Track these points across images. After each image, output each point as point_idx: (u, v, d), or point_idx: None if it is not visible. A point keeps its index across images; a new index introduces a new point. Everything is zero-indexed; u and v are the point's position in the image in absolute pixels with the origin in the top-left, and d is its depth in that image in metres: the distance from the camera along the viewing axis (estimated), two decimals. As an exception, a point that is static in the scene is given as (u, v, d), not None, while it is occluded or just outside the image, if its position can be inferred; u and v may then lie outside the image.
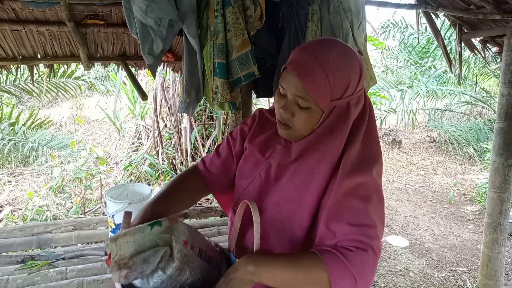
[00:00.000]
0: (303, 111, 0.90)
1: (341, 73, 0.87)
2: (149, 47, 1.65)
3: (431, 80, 7.56)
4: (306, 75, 0.86)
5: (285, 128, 0.94)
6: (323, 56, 0.86)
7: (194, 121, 4.96)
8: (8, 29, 2.12)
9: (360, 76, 0.90)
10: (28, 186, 5.05)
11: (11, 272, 1.90)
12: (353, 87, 0.90)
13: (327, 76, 0.85)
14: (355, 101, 0.92)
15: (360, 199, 0.88)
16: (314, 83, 0.86)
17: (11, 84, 5.29)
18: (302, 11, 1.81)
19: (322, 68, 0.85)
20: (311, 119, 0.91)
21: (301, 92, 0.88)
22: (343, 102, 0.90)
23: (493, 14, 2.35)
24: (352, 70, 0.89)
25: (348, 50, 0.92)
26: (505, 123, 2.55)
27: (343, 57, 0.88)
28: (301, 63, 0.87)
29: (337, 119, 0.91)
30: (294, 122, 0.92)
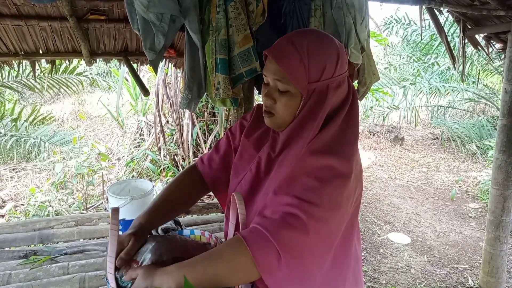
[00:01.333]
0: (283, 96, 0.92)
1: (316, 56, 0.89)
2: (151, 43, 1.65)
3: (434, 76, 7.53)
4: (282, 57, 0.89)
5: (268, 116, 0.97)
6: (298, 40, 0.90)
7: (196, 117, 4.96)
8: (10, 24, 2.11)
9: (338, 61, 0.91)
10: (30, 182, 5.07)
11: (13, 267, 1.90)
12: (331, 71, 0.90)
13: (302, 59, 0.88)
14: (334, 85, 0.92)
15: (317, 179, 0.86)
16: (289, 64, 0.89)
17: (13, 80, 5.29)
18: (304, 6, 1.80)
19: (297, 51, 0.88)
20: (291, 103, 0.92)
21: (278, 74, 0.91)
22: (322, 85, 0.91)
23: (497, 10, 2.33)
24: (328, 54, 0.90)
25: (325, 37, 0.94)
26: (508, 120, 2.54)
27: (318, 42, 0.91)
28: (278, 48, 0.92)
29: (316, 102, 0.91)
30: (276, 108, 0.94)
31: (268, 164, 1.00)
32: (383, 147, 7.30)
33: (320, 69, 0.89)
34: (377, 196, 5.08)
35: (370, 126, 8.13)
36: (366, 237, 3.95)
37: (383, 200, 4.96)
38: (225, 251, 0.84)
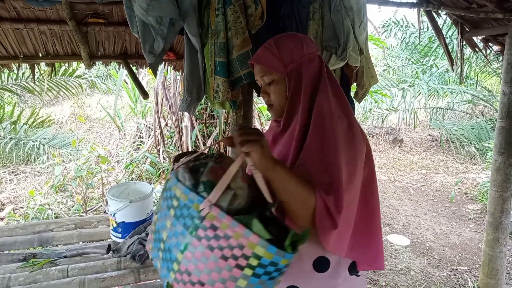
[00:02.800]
0: (272, 86, 1.14)
1: (281, 45, 1.12)
2: (150, 46, 1.65)
3: (432, 78, 7.55)
4: (259, 58, 1.15)
5: (270, 108, 1.19)
6: (267, 42, 1.16)
7: (195, 120, 4.97)
8: (10, 27, 2.12)
9: (302, 44, 1.13)
10: (30, 185, 5.06)
11: (13, 270, 1.90)
12: (299, 52, 1.12)
13: (272, 51, 1.12)
14: (306, 61, 1.12)
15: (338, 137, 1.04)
16: (264, 59, 1.13)
17: (12, 83, 5.29)
18: (303, 9, 1.81)
19: (267, 49, 1.13)
20: (278, 87, 1.13)
21: (262, 71, 1.15)
22: (295, 64, 1.11)
23: (495, 12, 2.34)
24: (291, 40, 1.13)
25: (287, 33, 1.20)
26: (506, 122, 2.55)
27: (280, 37, 1.16)
28: (255, 54, 1.17)
29: (297, 79, 1.11)
30: (272, 98, 1.16)
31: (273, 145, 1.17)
32: (382, 149, 7.31)
33: (289, 53, 1.11)
34: (376, 198, 5.08)
35: (369, 128, 8.14)
36: (366, 239, 3.95)
37: (382, 202, 4.96)
38: (308, 186, 0.96)
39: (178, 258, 0.86)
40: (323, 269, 1.10)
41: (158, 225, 0.95)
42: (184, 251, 0.85)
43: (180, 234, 0.87)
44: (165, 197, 0.95)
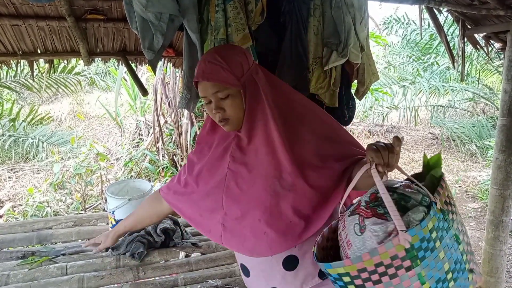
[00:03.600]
0: (227, 100, 1.10)
1: (228, 59, 1.10)
2: (150, 42, 1.64)
3: (433, 76, 7.53)
4: (209, 75, 1.09)
5: (226, 123, 1.13)
6: (211, 58, 1.11)
7: (194, 117, 4.95)
8: (8, 24, 2.10)
9: (245, 55, 1.14)
10: (29, 182, 5.05)
11: (11, 267, 1.89)
12: (246, 64, 1.12)
13: (222, 66, 1.08)
14: (255, 71, 1.14)
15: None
16: (216, 75, 1.08)
17: (11, 80, 5.28)
18: (304, 6, 1.79)
19: (214, 64, 1.09)
20: (236, 101, 1.10)
21: (215, 88, 1.09)
22: (247, 76, 1.11)
23: (497, 9, 2.32)
24: (235, 53, 1.13)
25: (225, 46, 1.29)
26: (508, 120, 2.53)
27: (222, 51, 1.14)
28: (201, 72, 1.11)
29: (253, 89, 1.11)
30: (228, 113, 1.11)
31: (242, 158, 1.15)
32: (382, 147, 7.29)
33: (239, 66, 1.10)
34: (376, 196, 5.08)
35: (370, 125, 8.13)
36: (366, 237, 3.95)
37: (382, 200, 4.96)
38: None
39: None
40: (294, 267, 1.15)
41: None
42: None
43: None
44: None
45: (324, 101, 1.94)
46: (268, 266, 1.17)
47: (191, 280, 1.82)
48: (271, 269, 1.17)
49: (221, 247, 2.21)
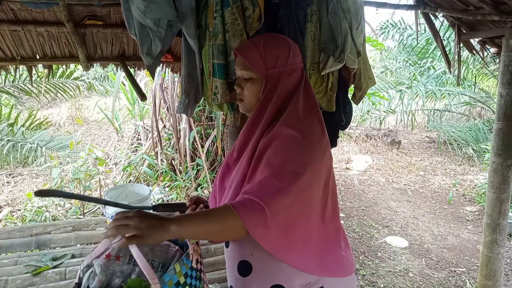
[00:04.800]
0: (248, 82, 1.14)
1: (270, 49, 1.12)
2: (148, 48, 1.65)
3: (430, 80, 7.57)
4: (244, 51, 1.14)
5: (240, 102, 1.19)
6: (257, 38, 1.16)
7: (193, 122, 4.96)
8: (7, 29, 2.11)
9: (289, 53, 1.13)
10: (27, 187, 5.04)
11: (10, 272, 1.89)
12: (284, 60, 1.12)
13: (259, 50, 1.11)
14: (288, 72, 1.13)
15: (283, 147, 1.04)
16: (249, 55, 1.12)
17: (10, 85, 5.28)
18: (301, 12, 1.81)
19: (255, 45, 1.12)
20: (254, 86, 1.13)
21: (243, 65, 1.14)
22: (277, 71, 1.11)
23: (492, 15, 2.35)
24: (280, 47, 1.13)
25: (279, 36, 1.19)
26: (504, 123, 2.55)
27: (272, 39, 1.16)
28: (242, 46, 1.18)
29: (273, 85, 1.11)
30: (244, 93, 1.16)
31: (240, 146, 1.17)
32: (380, 151, 7.32)
33: (274, 58, 1.11)
34: (374, 199, 5.09)
35: (367, 130, 8.15)
36: (364, 241, 3.95)
37: (380, 203, 4.97)
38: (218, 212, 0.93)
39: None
40: (246, 273, 1.12)
41: None
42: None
43: None
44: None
45: (322, 106, 1.96)
46: (229, 263, 1.19)
47: (189, 284, 1.82)
48: (230, 268, 1.19)
49: (220, 251, 2.21)
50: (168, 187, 4.86)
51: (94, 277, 1.11)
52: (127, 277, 1.10)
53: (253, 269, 1.11)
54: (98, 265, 1.10)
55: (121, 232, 0.84)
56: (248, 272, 1.12)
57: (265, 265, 1.09)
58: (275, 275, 1.08)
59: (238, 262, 1.13)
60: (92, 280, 1.10)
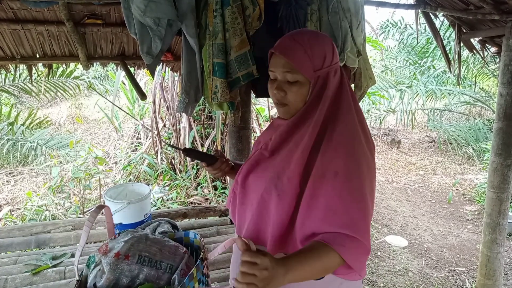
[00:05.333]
0: (293, 86, 1.05)
1: (316, 47, 1.03)
2: (148, 47, 1.65)
3: (430, 80, 7.57)
4: (288, 51, 1.03)
5: (282, 107, 1.09)
6: (299, 36, 1.05)
7: (193, 121, 4.96)
8: (7, 28, 2.11)
9: (333, 51, 1.07)
10: (27, 186, 5.04)
11: (9, 271, 1.89)
12: (330, 59, 1.05)
13: (306, 50, 1.02)
14: (333, 71, 1.07)
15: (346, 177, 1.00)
16: (295, 56, 1.02)
17: (10, 84, 5.28)
18: (301, 11, 1.81)
19: (300, 44, 1.03)
20: (301, 90, 1.04)
21: (287, 67, 1.03)
22: (324, 72, 1.05)
23: (492, 14, 2.35)
24: (325, 45, 1.06)
25: (319, 33, 1.12)
26: (504, 123, 2.55)
27: (315, 36, 1.07)
28: (282, 45, 1.06)
29: (321, 87, 1.04)
30: (288, 98, 1.06)
31: (274, 143, 1.11)
32: (380, 150, 7.32)
33: (322, 58, 1.03)
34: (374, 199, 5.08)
35: (367, 129, 8.13)
36: (364, 240, 3.95)
37: (380, 203, 4.97)
38: (320, 256, 0.92)
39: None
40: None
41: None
42: None
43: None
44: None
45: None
46: (235, 258, 1.18)
47: (189, 283, 1.82)
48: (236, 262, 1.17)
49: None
50: (168, 186, 4.86)
51: (102, 275, 1.10)
52: (135, 277, 1.10)
53: None
54: (107, 264, 1.10)
55: (247, 281, 0.82)
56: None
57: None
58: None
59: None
60: (99, 278, 1.10)
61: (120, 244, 1.14)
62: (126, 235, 1.19)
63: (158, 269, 1.13)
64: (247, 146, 2.38)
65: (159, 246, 1.18)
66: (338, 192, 0.97)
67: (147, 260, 1.13)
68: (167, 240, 1.23)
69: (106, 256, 1.12)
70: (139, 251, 1.12)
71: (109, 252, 1.13)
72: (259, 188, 1.10)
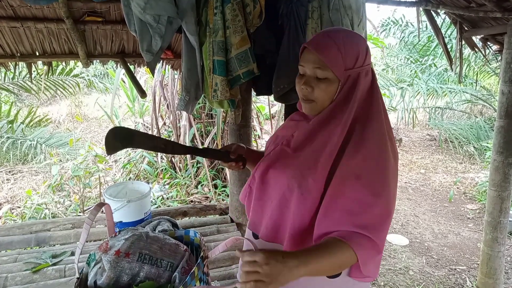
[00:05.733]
0: (322, 82, 1.03)
1: (350, 46, 1.02)
2: (148, 44, 1.64)
3: (431, 78, 7.55)
4: (321, 47, 1.02)
5: (308, 103, 1.07)
6: (333, 34, 1.04)
7: (193, 119, 4.95)
8: (6, 26, 2.10)
9: (367, 52, 1.06)
10: (27, 184, 5.04)
11: (9, 269, 1.89)
12: (362, 60, 1.04)
13: (339, 48, 1.01)
14: (364, 73, 1.05)
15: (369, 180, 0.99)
16: (328, 53, 1.01)
17: (9, 82, 5.27)
18: (302, 8, 1.80)
19: (334, 42, 1.02)
20: (330, 88, 1.03)
21: (318, 63, 1.02)
22: (355, 72, 1.03)
23: (494, 12, 2.34)
24: (360, 44, 1.05)
25: (355, 33, 1.11)
26: (505, 121, 2.54)
27: (350, 35, 1.06)
28: (316, 40, 1.05)
29: (351, 87, 1.03)
30: (315, 94, 1.05)
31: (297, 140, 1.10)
32: (380, 149, 7.30)
33: (354, 58, 1.03)
34: (375, 197, 5.07)
35: (368, 127, 8.12)
36: (364, 239, 3.95)
37: (381, 201, 4.96)
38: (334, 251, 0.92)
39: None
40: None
41: None
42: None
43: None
44: None
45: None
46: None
47: (189, 282, 1.81)
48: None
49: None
50: (168, 185, 4.86)
51: (103, 273, 1.09)
52: (135, 275, 1.09)
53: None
54: (107, 261, 1.09)
55: (251, 279, 0.81)
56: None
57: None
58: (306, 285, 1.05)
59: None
60: (100, 276, 1.09)
61: (121, 242, 1.13)
62: (127, 233, 1.18)
63: (159, 267, 1.12)
64: (248, 144, 2.37)
65: (159, 244, 1.17)
66: (359, 195, 0.96)
67: (147, 258, 1.12)
68: (168, 238, 1.23)
69: (106, 254, 1.11)
70: (140, 249, 1.12)
71: (110, 250, 1.13)
72: (281, 184, 1.08)
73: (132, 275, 1.09)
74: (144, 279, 1.10)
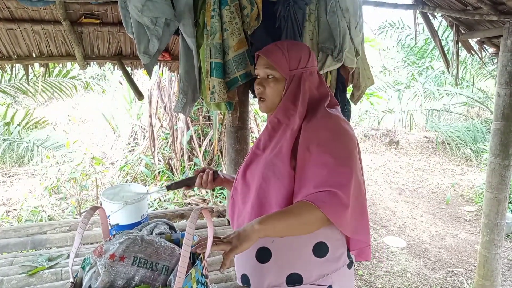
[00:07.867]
0: (271, 81, 1.22)
1: (293, 51, 1.21)
2: (145, 47, 1.64)
3: (428, 80, 7.58)
4: (269, 52, 1.22)
5: (262, 101, 1.25)
6: (280, 43, 1.26)
7: (190, 121, 4.94)
8: (3, 28, 2.10)
9: (309, 56, 1.23)
10: (23, 187, 5.02)
11: (5, 272, 1.87)
12: (304, 62, 1.21)
13: (283, 53, 1.20)
14: (308, 73, 1.22)
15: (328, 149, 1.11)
16: (275, 57, 1.21)
17: (6, 84, 5.24)
18: (299, 10, 1.80)
19: (279, 48, 1.22)
20: (277, 86, 1.21)
21: (267, 64, 1.22)
22: (299, 72, 1.20)
23: (490, 15, 2.35)
24: (302, 50, 1.23)
25: (298, 42, 1.36)
26: (502, 123, 2.55)
27: (294, 43, 1.27)
28: (266, 48, 1.25)
29: (296, 85, 1.20)
30: (266, 92, 1.23)
31: (265, 141, 1.23)
32: (378, 151, 7.32)
33: (297, 60, 1.20)
34: (372, 199, 5.08)
35: (365, 129, 8.15)
36: (362, 241, 3.95)
37: (378, 203, 4.96)
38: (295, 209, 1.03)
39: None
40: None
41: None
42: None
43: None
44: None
45: (320, 105, 1.95)
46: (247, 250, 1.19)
47: (186, 285, 1.80)
48: (248, 255, 1.18)
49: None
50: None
51: (97, 277, 1.09)
52: (130, 278, 1.09)
53: (272, 256, 1.15)
54: (102, 265, 1.08)
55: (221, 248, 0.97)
56: (267, 259, 1.16)
57: (285, 253, 1.14)
58: (294, 263, 1.13)
59: (258, 249, 1.17)
60: (94, 280, 1.09)
61: (115, 245, 1.12)
62: (121, 237, 1.17)
63: (154, 271, 1.12)
64: (245, 146, 2.37)
65: (154, 247, 1.17)
66: (322, 159, 1.08)
67: (142, 262, 1.12)
68: (163, 241, 1.22)
69: (101, 258, 1.10)
70: (135, 252, 1.11)
71: (104, 254, 1.12)
72: (257, 178, 1.18)
73: (127, 279, 1.08)
74: (139, 282, 1.09)
